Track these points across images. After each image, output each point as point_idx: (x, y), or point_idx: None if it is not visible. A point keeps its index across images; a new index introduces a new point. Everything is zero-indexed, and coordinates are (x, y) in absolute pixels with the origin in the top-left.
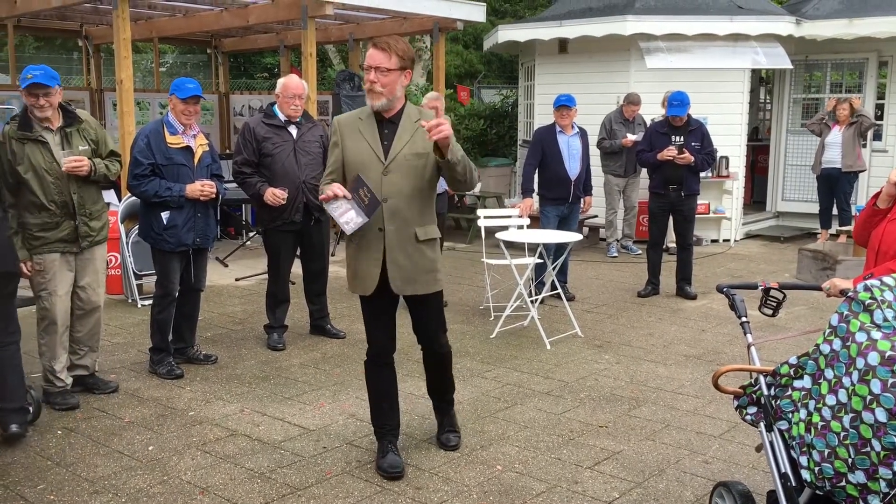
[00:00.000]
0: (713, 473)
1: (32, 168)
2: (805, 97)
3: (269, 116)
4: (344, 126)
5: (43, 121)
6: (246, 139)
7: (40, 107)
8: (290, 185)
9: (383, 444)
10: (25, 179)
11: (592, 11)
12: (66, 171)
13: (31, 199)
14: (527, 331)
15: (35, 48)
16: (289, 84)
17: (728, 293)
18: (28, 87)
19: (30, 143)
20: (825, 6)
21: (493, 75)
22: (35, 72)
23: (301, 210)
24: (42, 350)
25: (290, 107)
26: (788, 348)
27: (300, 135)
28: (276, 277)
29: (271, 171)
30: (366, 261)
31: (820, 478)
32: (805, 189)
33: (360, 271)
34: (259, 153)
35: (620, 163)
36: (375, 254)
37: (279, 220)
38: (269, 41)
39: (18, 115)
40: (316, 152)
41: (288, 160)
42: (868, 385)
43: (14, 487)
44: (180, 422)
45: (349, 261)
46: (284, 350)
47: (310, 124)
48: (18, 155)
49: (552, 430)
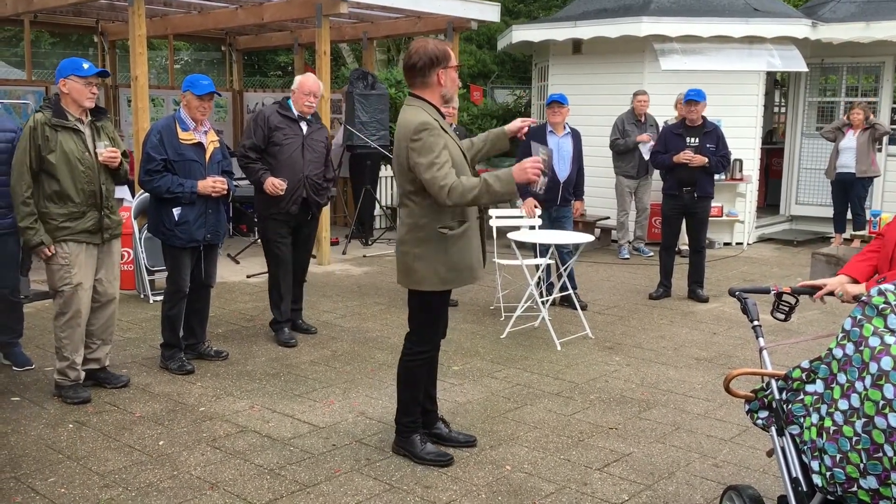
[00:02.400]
0: (723, 477)
1: (65, 156)
2: (820, 100)
3: (283, 108)
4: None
5: (79, 111)
6: (258, 124)
7: (91, 96)
8: (292, 178)
9: (421, 437)
10: (55, 167)
11: (607, 12)
12: (103, 161)
13: (56, 188)
14: (537, 332)
15: (51, 44)
16: (305, 82)
17: (740, 297)
18: (91, 75)
19: (63, 131)
20: (842, 9)
21: (506, 75)
22: (89, 63)
23: (298, 203)
24: (63, 343)
25: (305, 103)
26: (801, 353)
27: (309, 132)
28: (277, 270)
29: (277, 160)
30: (473, 250)
31: (831, 483)
32: (819, 193)
33: (467, 261)
34: (268, 141)
35: (633, 164)
36: (478, 241)
37: (274, 209)
38: (284, 39)
39: (50, 104)
40: (321, 151)
41: (295, 153)
42: (881, 390)
43: (25, 480)
44: (191, 417)
45: (454, 257)
46: (297, 346)
47: (318, 125)
48: (51, 141)
49: (562, 431)
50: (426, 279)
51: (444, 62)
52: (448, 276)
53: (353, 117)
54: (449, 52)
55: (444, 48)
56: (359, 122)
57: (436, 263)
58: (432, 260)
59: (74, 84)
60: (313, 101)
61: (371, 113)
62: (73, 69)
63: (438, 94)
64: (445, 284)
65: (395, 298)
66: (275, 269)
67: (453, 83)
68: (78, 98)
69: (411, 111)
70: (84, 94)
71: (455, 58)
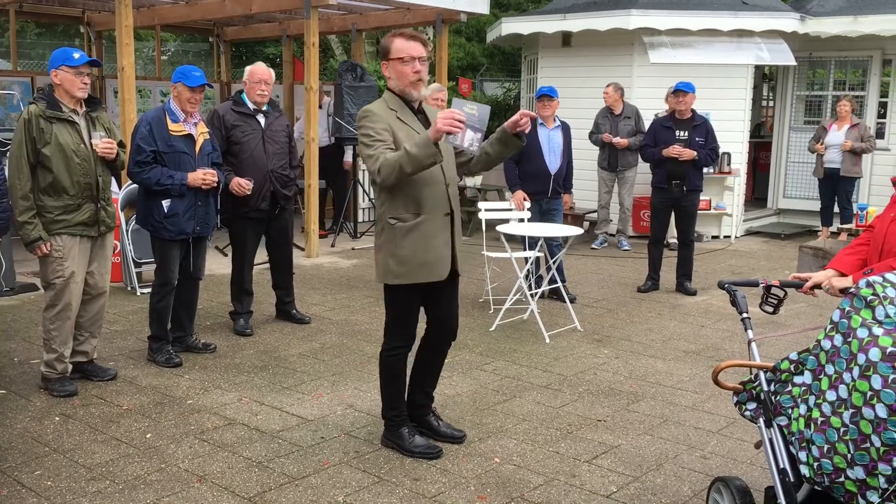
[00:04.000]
0: (711, 469)
1: (60, 148)
2: (808, 94)
3: (237, 104)
4: (387, 118)
5: (73, 102)
6: (214, 126)
7: (83, 86)
8: (257, 174)
9: (409, 430)
10: (49, 159)
11: (596, 5)
12: (100, 152)
13: (52, 180)
14: (526, 324)
15: (36, 34)
16: (255, 70)
17: (730, 289)
18: (81, 65)
19: (58, 122)
20: (830, 3)
21: (495, 68)
22: (80, 52)
23: (268, 198)
24: (51, 335)
25: (256, 92)
26: (789, 345)
27: (268, 124)
28: (241, 266)
29: (239, 158)
30: (436, 247)
31: (819, 473)
32: (806, 186)
33: (430, 257)
34: (227, 141)
35: (604, 156)
36: (445, 236)
37: (245, 208)
38: (272, 30)
39: (44, 95)
40: (283, 142)
41: (257, 149)
42: (869, 381)
43: (11, 473)
44: (178, 410)
45: (403, 250)
46: (252, 335)
47: (276, 113)
48: (46, 133)
49: (550, 423)
50: (381, 272)
51: (385, 55)
52: (397, 269)
53: (341, 109)
54: (393, 44)
55: (388, 41)
56: (347, 114)
57: (387, 255)
58: (385, 252)
59: (66, 74)
60: (265, 90)
61: (360, 105)
62: (63, 59)
63: (393, 86)
64: (397, 278)
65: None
66: (239, 264)
67: (400, 76)
68: (70, 88)
69: (374, 101)
70: (76, 84)
71: (406, 50)
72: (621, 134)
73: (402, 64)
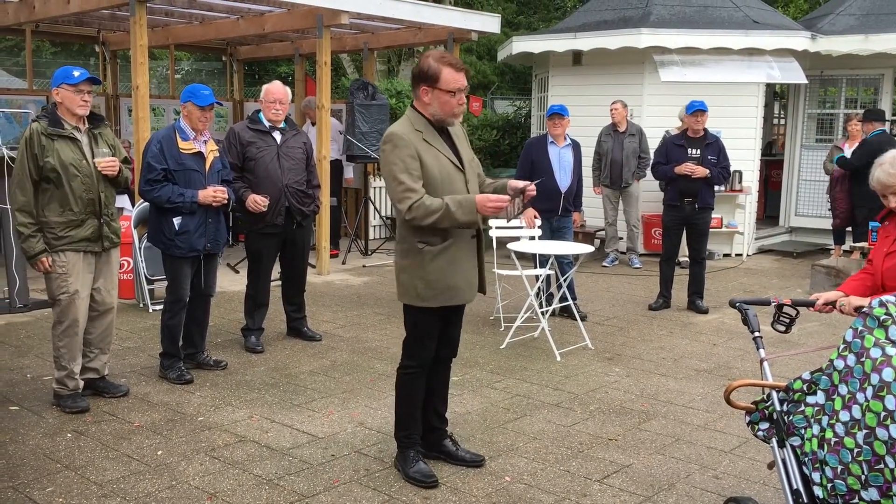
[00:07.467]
0: (724, 489)
1: (61, 164)
2: (820, 112)
3: (253, 122)
4: (413, 142)
5: (75, 120)
6: (231, 143)
7: (82, 104)
8: (272, 189)
9: (414, 454)
10: (50, 176)
11: (607, 24)
12: (101, 169)
13: (54, 197)
14: (537, 342)
15: (52, 53)
16: (270, 89)
17: (741, 308)
18: (80, 82)
19: (59, 139)
20: (841, 22)
21: (506, 86)
22: (80, 70)
23: (283, 214)
24: (61, 352)
25: (272, 111)
26: (801, 364)
27: (284, 140)
28: (256, 280)
29: (255, 174)
30: (463, 270)
31: (833, 494)
32: (818, 204)
33: (459, 281)
34: (243, 157)
35: (606, 173)
36: (472, 260)
37: (261, 224)
38: (284, 49)
39: (47, 113)
40: (299, 158)
41: (272, 164)
42: (882, 401)
43: (23, 489)
44: (189, 427)
45: (432, 275)
46: (263, 353)
47: (293, 131)
48: (47, 150)
49: (561, 442)
50: (406, 292)
51: (429, 81)
52: (424, 292)
53: (353, 128)
54: (442, 73)
55: (437, 67)
56: (359, 132)
57: (414, 278)
58: (412, 274)
59: (66, 92)
60: (280, 108)
61: (371, 123)
62: (63, 78)
63: (427, 109)
64: (423, 301)
65: (394, 309)
66: (254, 279)
67: (443, 106)
68: (70, 106)
69: (398, 121)
70: (75, 101)
71: (456, 82)
72: (626, 151)
73: (449, 95)
